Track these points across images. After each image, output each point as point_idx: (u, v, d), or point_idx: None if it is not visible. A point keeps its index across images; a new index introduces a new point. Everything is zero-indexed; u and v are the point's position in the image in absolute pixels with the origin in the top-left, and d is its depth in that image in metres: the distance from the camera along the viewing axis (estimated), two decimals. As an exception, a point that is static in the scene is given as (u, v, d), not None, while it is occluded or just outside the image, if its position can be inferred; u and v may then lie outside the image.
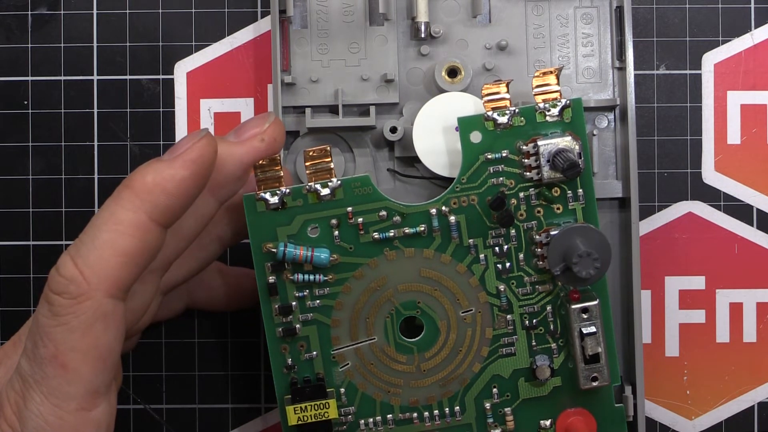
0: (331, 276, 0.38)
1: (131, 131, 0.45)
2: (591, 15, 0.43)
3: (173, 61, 0.45)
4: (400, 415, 0.39)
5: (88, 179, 0.45)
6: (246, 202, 0.37)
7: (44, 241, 0.45)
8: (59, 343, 0.31)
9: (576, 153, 0.37)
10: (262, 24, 0.45)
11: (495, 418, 0.39)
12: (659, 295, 0.45)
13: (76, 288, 0.31)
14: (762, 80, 0.45)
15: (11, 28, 0.45)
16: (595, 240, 0.37)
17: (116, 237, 0.32)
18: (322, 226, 0.37)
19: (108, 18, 0.45)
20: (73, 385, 0.32)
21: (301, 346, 0.38)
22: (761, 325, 0.45)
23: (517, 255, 0.38)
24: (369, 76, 0.43)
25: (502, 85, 0.38)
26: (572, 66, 0.43)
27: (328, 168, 0.37)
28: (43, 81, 0.45)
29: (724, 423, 0.45)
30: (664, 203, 0.45)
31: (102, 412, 0.33)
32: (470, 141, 0.38)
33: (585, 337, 0.37)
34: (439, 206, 0.38)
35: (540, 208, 0.38)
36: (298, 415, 0.38)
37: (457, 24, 0.43)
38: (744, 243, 0.45)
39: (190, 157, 0.32)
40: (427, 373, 0.39)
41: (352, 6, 0.43)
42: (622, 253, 0.43)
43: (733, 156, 0.45)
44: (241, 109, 0.45)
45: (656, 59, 0.45)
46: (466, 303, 0.38)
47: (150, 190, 0.32)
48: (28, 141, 0.45)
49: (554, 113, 0.37)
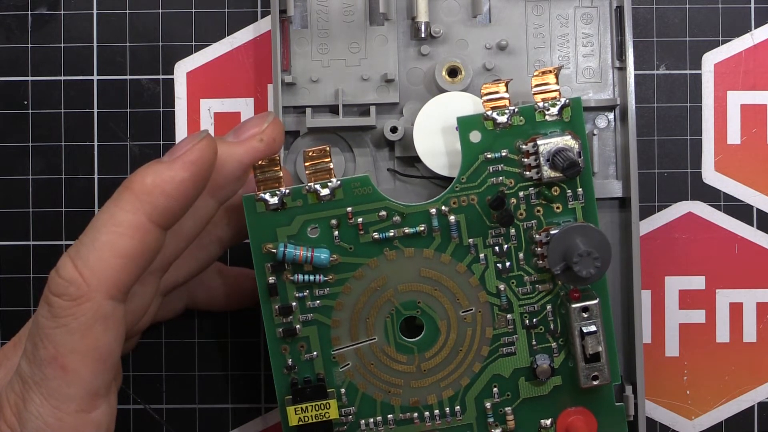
0: (331, 276, 0.38)
1: (131, 131, 0.45)
2: (591, 15, 0.43)
3: (173, 61, 0.45)
4: (401, 415, 0.39)
5: (88, 179, 0.45)
6: (246, 203, 0.37)
7: (44, 241, 0.44)
8: (59, 345, 0.31)
9: (575, 152, 0.37)
10: (262, 24, 0.45)
11: (495, 417, 0.39)
12: (659, 295, 0.45)
13: (75, 290, 0.31)
14: (762, 80, 0.45)
15: (11, 28, 0.45)
16: (596, 239, 0.36)
17: (116, 239, 0.31)
18: (322, 226, 0.37)
19: (108, 18, 0.45)
20: (73, 387, 0.32)
21: (302, 346, 0.38)
22: (761, 325, 0.45)
23: (517, 254, 0.38)
24: (369, 76, 0.43)
25: (501, 85, 0.38)
26: (572, 66, 0.43)
27: (327, 168, 0.37)
28: (43, 81, 0.45)
29: (724, 423, 0.45)
30: (664, 203, 0.45)
31: (102, 414, 0.33)
32: (470, 140, 0.38)
33: (585, 336, 0.37)
34: (439, 206, 0.38)
35: (540, 207, 0.38)
36: (299, 416, 0.38)
37: (457, 24, 0.43)
38: (744, 243, 0.45)
39: (189, 159, 0.32)
40: (427, 373, 0.39)
41: (353, 6, 0.43)
42: (622, 253, 0.43)
43: (733, 156, 0.45)
44: (241, 109, 0.45)
45: (656, 59, 0.45)
46: (466, 303, 0.38)
47: (150, 191, 0.32)
48: (28, 141, 0.45)
49: (554, 112, 0.37)
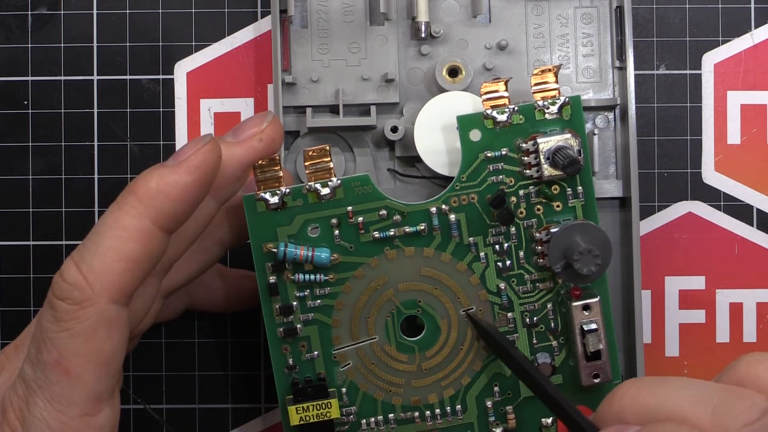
0: (331, 276, 0.38)
1: (131, 131, 0.45)
2: (591, 15, 0.43)
3: (173, 61, 0.45)
4: (402, 414, 0.39)
5: (88, 179, 0.45)
6: (246, 203, 0.37)
7: (44, 241, 0.44)
8: (63, 349, 0.31)
9: (575, 150, 0.37)
10: (262, 24, 0.45)
11: (497, 416, 0.39)
12: (659, 295, 0.45)
13: (80, 294, 0.31)
14: (762, 80, 0.45)
15: (11, 28, 0.45)
16: (596, 237, 0.36)
17: (120, 243, 0.31)
18: (323, 225, 0.37)
19: (108, 18, 0.45)
20: (77, 391, 0.32)
21: (302, 346, 0.38)
22: (761, 325, 0.45)
23: (518, 253, 0.38)
24: (369, 76, 0.43)
25: (500, 84, 0.38)
26: (572, 66, 0.43)
27: (327, 167, 0.37)
28: (43, 81, 0.45)
29: (725, 423, 0.45)
30: (664, 203, 0.45)
31: (105, 418, 0.33)
32: (470, 139, 0.38)
33: (586, 334, 0.37)
34: (439, 205, 0.38)
35: (540, 205, 0.38)
36: (300, 415, 0.38)
37: (457, 24, 0.43)
38: (744, 243, 0.45)
39: (194, 163, 0.32)
40: (428, 372, 0.39)
41: (353, 6, 0.43)
42: (623, 253, 0.43)
43: (733, 156, 0.45)
44: (241, 109, 0.45)
45: (656, 59, 0.45)
46: (466, 301, 0.38)
47: (154, 196, 0.32)
48: (28, 141, 0.45)
49: (553, 111, 0.37)
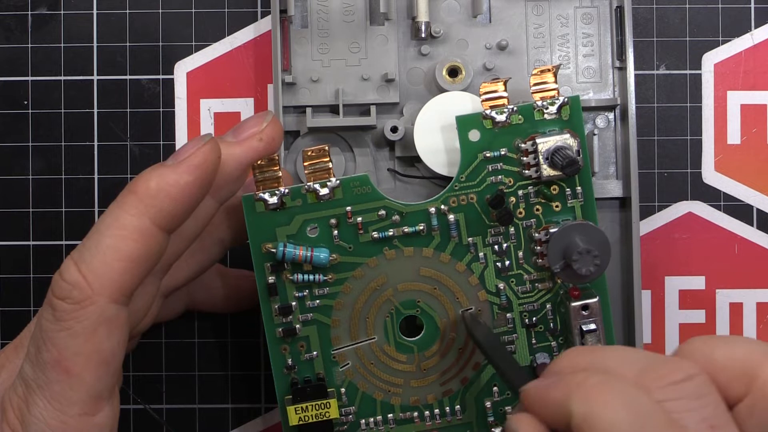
0: (330, 276, 0.38)
1: (131, 131, 0.45)
2: (591, 15, 0.43)
3: (173, 61, 0.45)
4: (401, 414, 0.39)
5: (88, 179, 0.45)
6: (245, 203, 0.37)
7: (44, 241, 0.44)
8: (62, 348, 0.31)
9: (575, 150, 0.37)
10: (262, 24, 0.45)
11: (496, 416, 0.39)
12: (659, 295, 0.45)
13: (79, 293, 0.31)
14: (762, 80, 0.45)
15: (11, 28, 0.45)
16: (595, 237, 0.36)
17: (120, 242, 0.31)
18: (322, 225, 0.37)
19: (108, 18, 0.45)
20: (77, 390, 0.32)
21: (302, 346, 0.38)
22: (761, 325, 0.45)
23: (517, 253, 0.38)
24: (369, 76, 0.43)
25: (499, 84, 0.38)
26: (572, 66, 0.43)
27: (326, 168, 0.37)
28: (43, 81, 0.45)
29: (725, 423, 0.45)
30: (664, 203, 0.45)
31: (105, 417, 0.33)
32: (469, 139, 0.38)
33: (585, 335, 0.37)
34: (438, 205, 0.38)
35: (539, 205, 0.38)
36: (299, 415, 0.38)
37: (457, 24, 0.43)
38: (744, 243, 0.45)
39: (194, 163, 0.32)
40: (427, 372, 0.39)
41: (353, 6, 0.43)
42: (622, 253, 0.43)
43: (733, 156, 0.45)
44: (241, 109, 0.45)
45: (656, 59, 0.45)
46: (465, 302, 0.38)
47: (154, 195, 0.32)
48: (28, 141, 0.45)
49: (552, 111, 0.37)
